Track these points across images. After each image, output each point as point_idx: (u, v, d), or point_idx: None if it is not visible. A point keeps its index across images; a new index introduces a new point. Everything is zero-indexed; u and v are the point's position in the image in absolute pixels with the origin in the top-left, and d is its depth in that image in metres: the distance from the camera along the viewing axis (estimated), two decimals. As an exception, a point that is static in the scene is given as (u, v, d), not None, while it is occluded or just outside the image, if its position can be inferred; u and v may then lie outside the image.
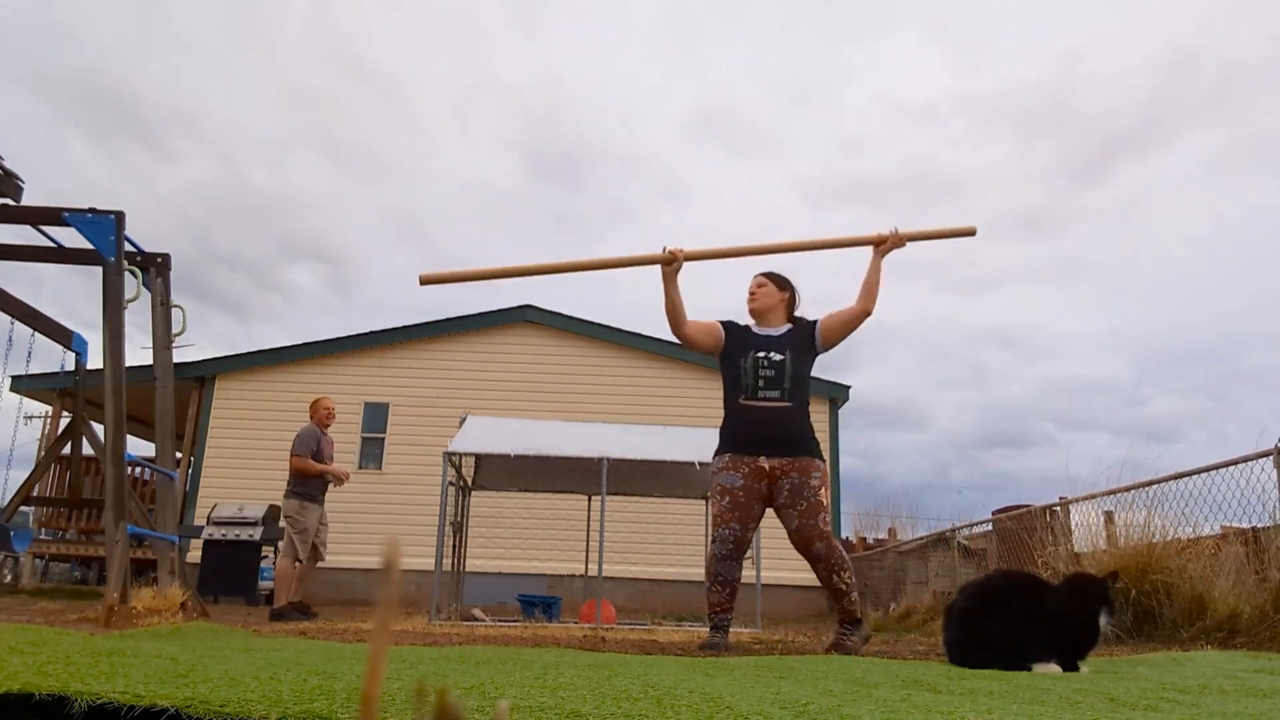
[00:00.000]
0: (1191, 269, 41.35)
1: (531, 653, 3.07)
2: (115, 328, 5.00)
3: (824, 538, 3.79)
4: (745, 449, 3.89)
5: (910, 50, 38.63)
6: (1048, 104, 36.94)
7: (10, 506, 5.50)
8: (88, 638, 2.34)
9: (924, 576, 9.65)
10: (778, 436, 3.87)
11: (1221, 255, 40.21)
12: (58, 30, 33.78)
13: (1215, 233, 37.78)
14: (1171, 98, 37.85)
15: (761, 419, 3.88)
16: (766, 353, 3.93)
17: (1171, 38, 34.41)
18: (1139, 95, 37.15)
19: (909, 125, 41.22)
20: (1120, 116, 37.12)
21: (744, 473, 3.86)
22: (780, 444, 3.86)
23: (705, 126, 47.15)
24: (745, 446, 3.89)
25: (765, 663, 2.76)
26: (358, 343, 12.68)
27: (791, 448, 3.86)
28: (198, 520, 11.06)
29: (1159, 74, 37.74)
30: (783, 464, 3.84)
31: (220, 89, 38.40)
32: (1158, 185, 38.75)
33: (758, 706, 1.42)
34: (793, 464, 3.83)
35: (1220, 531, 4.84)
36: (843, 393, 12.69)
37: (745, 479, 3.85)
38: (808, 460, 3.85)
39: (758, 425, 3.89)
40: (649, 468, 7.58)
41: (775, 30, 39.75)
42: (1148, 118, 39.54)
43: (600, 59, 44.81)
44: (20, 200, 5.16)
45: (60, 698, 1.26)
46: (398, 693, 1.44)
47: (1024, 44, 38.14)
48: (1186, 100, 36.33)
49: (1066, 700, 1.85)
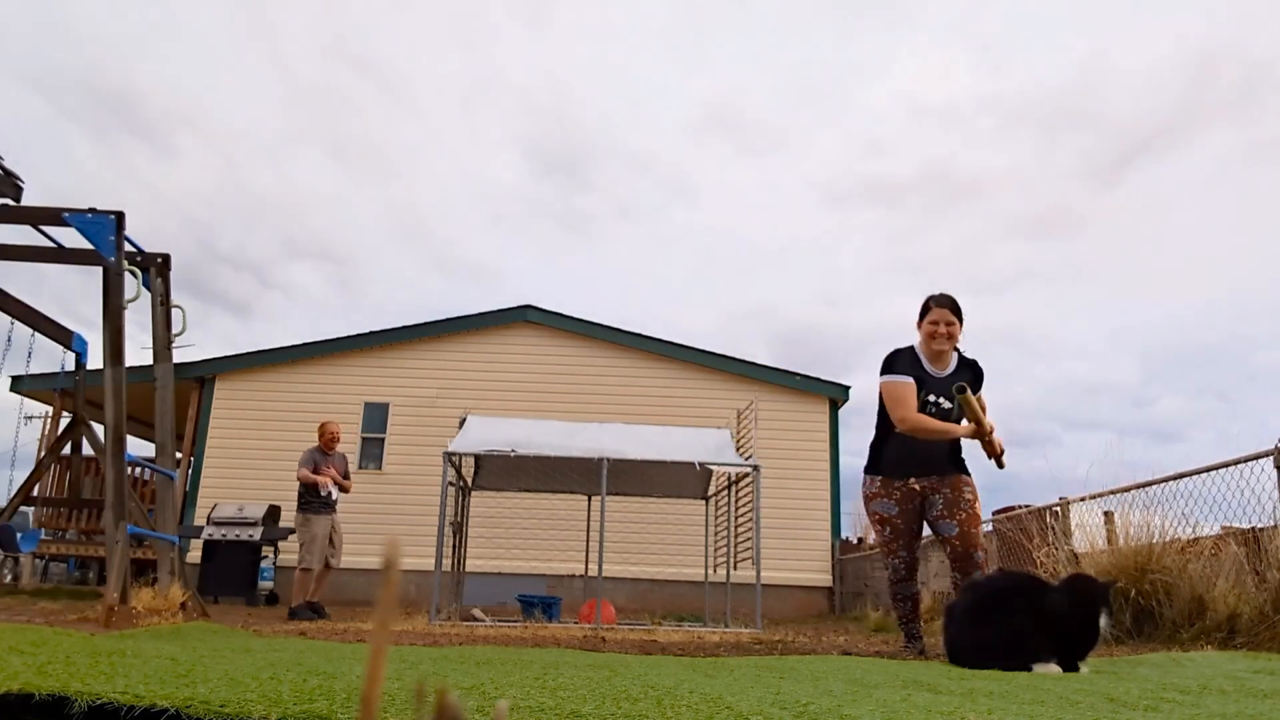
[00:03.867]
0: (1199, 269, 41.34)
1: (531, 653, 3.07)
2: (115, 328, 5.00)
3: (981, 547, 3.80)
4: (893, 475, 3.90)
5: (928, 49, 38.57)
6: (1066, 105, 36.90)
7: (10, 506, 5.50)
8: (88, 638, 2.34)
9: (924, 577, 9.64)
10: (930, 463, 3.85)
11: (1229, 254, 40.20)
12: (59, 28, 33.79)
13: (1224, 232, 37.76)
14: (1190, 99, 37.83)
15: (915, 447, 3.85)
16: (938, 399, 3.84)
17: (1190, 39, 34.37)
18: (1158, 97, 37.13)
19: (928, 125, 41.12)
20: (1139, 119, 37.12)
21: (898, 499, 3.88)
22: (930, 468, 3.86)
23: (715, 124, 47.04)
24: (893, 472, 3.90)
25: (765, 663, 2.76)
26: (358, 343, 12.67)
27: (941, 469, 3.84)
28: (198, 520, 11.06)
29: (1180, 75, 37.71)
30: (932, 482, 3.86)
31: (223, 87, 38.42)
32: (1172, 187, 38.74)
33: (758, 706, 1.42)
34: (941, 480, 3.85)
35: (1220, 532, 4.84)
36: (843, 393, 12.72)
37: (900, 504, 3.87)
38: (957, 477, 3.85)
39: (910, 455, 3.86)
40: (649, 468, 7.58)
41: (789, 26, 39.67)
42: (1166, 120, 39.51)
43: (608, 54, 44.71)
44: (20, 200, 5.16)
45: (60, 698, 1.26)
46: (398, 693, 1.44)
47: (1045, 44, 38.09)
48: (1206, 102, 36.29)
49: (1066, 700, 1.85)
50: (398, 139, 45.26)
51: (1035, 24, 37.33)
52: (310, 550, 7.26)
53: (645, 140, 45.93)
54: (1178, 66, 37.10)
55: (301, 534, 7.33)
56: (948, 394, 3.77)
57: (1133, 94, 35.81)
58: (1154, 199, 38.77)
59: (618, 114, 46.51)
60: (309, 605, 7.05)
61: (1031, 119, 39.07)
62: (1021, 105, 38.53)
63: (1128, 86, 35.30)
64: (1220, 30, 33.62)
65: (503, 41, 39.83)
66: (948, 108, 39.22)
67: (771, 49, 40.84)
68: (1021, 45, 38.37)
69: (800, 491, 12.22)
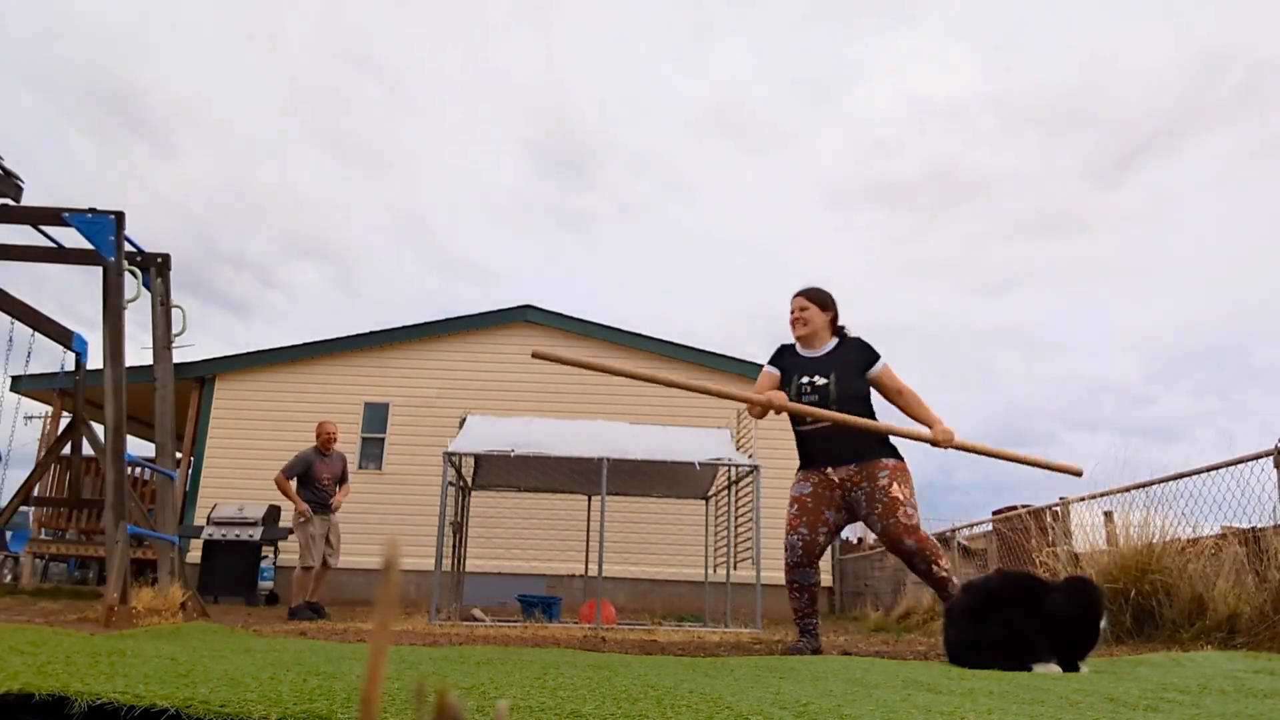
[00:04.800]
0: (1202, 268, 41.29)
1: (531, 653, 3.07)
2: (115, 328, 5.00)
3: (911, 532, 3.75)
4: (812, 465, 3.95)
5: (933, 48, 38.47)
6: (1070, 105, 36.81)
7: (10, 506, 5.50)
8: (88, 638, 2.34)
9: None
10: (838, 453, 3.87)
11: (1231, 253, 40.16)
12: (60, 25, 33.78)
13: (1226, 231, 37.72)
14: (1193, 100, 37.76)
15: (817, 439, 3.91)
16: (811, 378, 3.93)
17: (1194, 39, 34.30)
18: (1162, 97, 37.06)
19: (933, 124, 40.99)
20: (1143, 118, 37.04)
21: (814, 481, 3.92)
22: (841, 457, 3.87)
23: (716, 123, 46.91)
24: (811, 463, 3.95)
25: (765, 663, 2.76)
26: (358, 343, 12.67)
27: (854, 456, 3.85)
28: (198, 520, 11.05)
29: (1182, 76, 37.63)
30: (850, 473, 3.85)
31: (224, 85, 38.40)
32: (1175, 186, 38.65)
33: (758, 707, 1.42)
34: (859, 470, 3.84)
35: (1220, 531, 4.83)
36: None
37: (815, 486, 3.91)
38: (872, 463, 3.84)
39: (817, 446, 3.92)
40: (649, 468, 7.58)
41: (790, 26, 39.56)
42: (1170, 119, 39.42)
43: (609, 54, 44.63)
44: (20, 200, 5.16)
45: (60, 698, 1.26)
46: (398, 693, 1.44)
47: (1052, 44, 38.00)
48: (1209, 102, 36.24)
49: (1066, 700, 1.85)
50: (399, 138, 45.24)
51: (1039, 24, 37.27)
52: (309, 549, 7.31)
53: (646, 140, 45.88)
54: (1181, 66, 37.07)
55: (299, 533, 7.38)
56: (824, 371, 3.92)
57: (1137, 93, 35.79)
58: (1158, 199, 38.75)
59: (619, 113, 46.46)
60: (309, 605, 7.08)
61: (1035, 119, 39.00)
62: (1025, 105, 38.48)
63: (1132, 86, 35.28)
64: (1225, 30, 33.61)
65: (504, 41, 39.80)
66: (951, 107, 39.18)
67: (772, 48, 40.82)
68: (1024, 46, 38.32)
69: (800, 491, 12.20)
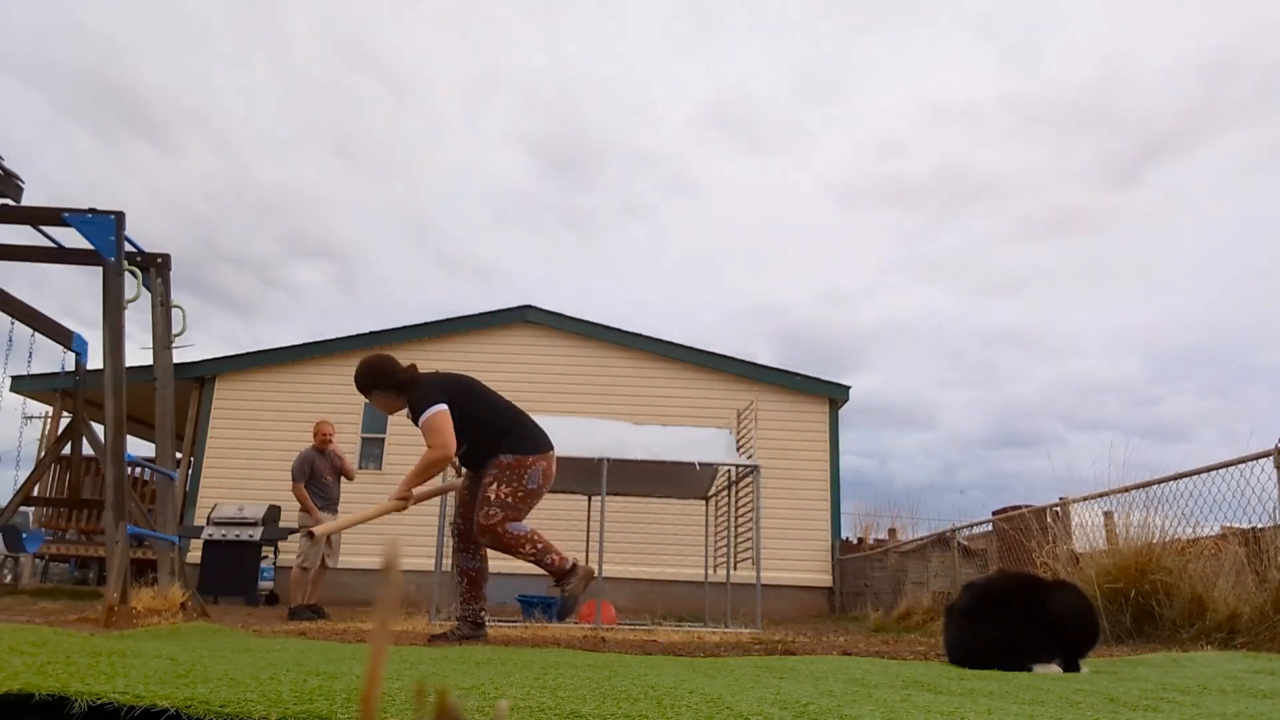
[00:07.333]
0: (1205, 267, 41.19)
1: (531, 653, 3.07)
2: (115, 328, 5.00)
3: (483, 532, 4.16)
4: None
5: (946, 48, 38.31)
6: (1083, 105, 36.66)
7: (10, 506, 5.50)
8: (88, 638, 2.34)
9: (924, 577, 9.64)
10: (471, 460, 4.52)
11: (1234, 253, 40.09)
12: (60, 23, 33.79)
13: (1228, 231, 37.64)
14: (1206, 100, 37.61)
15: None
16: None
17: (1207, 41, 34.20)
18: (1174, 98, 36.91)
19: (943, 124, 40.80)
20: (1156, 119, 36.90)
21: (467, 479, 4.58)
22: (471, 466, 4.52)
23: (726, 121, 46.71)
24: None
25: (765, 663, 2.76)
26: (358, 343, 12.67)
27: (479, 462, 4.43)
28: (198, 520, 11.05)
29: (1197, 77, 37.49)
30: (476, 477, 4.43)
31: (227, 83, 38.32)
32: (1184, 188, 38.53)
33: (758, 707, 1.42)
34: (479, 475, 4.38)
35: (1220, 532, 4.83)
36: (843, 393, 12.71)
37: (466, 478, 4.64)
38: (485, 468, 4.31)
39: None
40: (649, 468, 7.57)
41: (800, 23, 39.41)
42: (1182, 120, 39.29)
43: (614, 50, 44.45)
44: (21, 200, 5.16)
45: (60, 698, 1.26)
46: (398, 693, 1.44)
47: (1064, 44, 37.89)
48: (1221, 103, 36.12)
49: (1066, 700, 1.85)
50: (402, 136, 45.12)
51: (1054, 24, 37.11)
52: (309, 550, 7.36)
53: (650, 138, 45.72)
54: (1195, 67, 36.97)
55: (304, 537, 7.40)
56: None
57: (1150, 94, 35.68)
58: (1167, 200, 38.64)
59: (624, 111, 46.28)
60: (309, 607, 7.11)
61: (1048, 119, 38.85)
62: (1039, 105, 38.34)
63: (1146, 86, 35.16)
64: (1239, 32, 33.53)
65: (508, 39, 39.68)
66: (962, 107, 39.05)
67: (779, 45, 40.70)
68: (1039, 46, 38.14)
69: (800, 491, 12.22)
